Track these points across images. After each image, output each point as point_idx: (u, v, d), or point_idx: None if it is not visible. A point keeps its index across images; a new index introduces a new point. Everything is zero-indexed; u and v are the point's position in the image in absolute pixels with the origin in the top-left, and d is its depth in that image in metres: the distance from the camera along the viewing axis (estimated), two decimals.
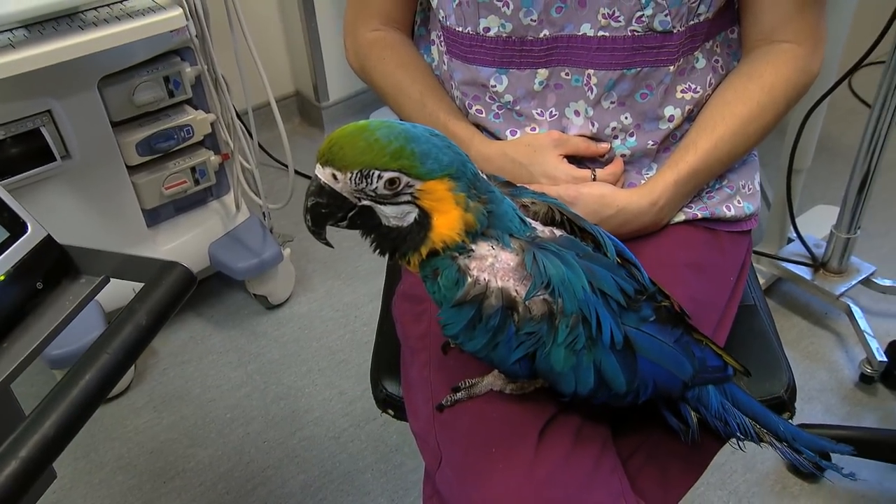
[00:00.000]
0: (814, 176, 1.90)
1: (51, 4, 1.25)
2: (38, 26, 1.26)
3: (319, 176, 0.64)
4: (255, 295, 1.80)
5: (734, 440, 0.86)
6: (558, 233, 0.73)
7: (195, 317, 1.80)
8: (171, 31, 1.35)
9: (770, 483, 1.51)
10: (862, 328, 1.68)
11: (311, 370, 1.72)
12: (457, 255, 0.67)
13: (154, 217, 1.59)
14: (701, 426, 0.83)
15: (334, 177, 0.63)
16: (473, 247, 0.67)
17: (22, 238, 0.73)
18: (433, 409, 0.84)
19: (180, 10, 1.31)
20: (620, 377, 0.73)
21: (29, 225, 0.74)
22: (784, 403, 0.96)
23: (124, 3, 1.34)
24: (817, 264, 1.78)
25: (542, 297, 0.68)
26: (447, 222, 0.66)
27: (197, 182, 1.62)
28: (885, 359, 1.60)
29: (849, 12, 1.57)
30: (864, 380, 1.64)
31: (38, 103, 1.36)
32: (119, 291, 0.86)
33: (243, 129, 1.66)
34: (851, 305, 1.72)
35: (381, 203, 0.65)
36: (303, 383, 1.69)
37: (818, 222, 1.88)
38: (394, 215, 0.66)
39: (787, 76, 0.98)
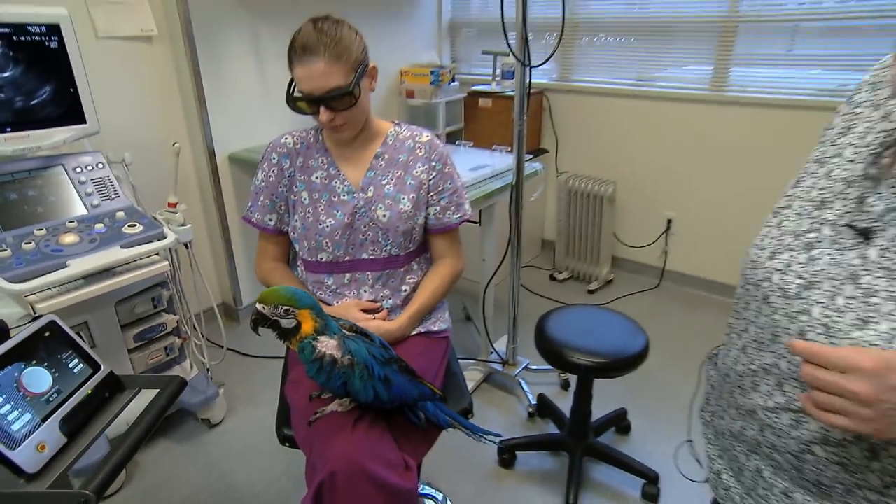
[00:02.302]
0: (498, 320, 2.46)
1: (97, 268, 1.53)
2: (91, 277, 1.53)
3: (258, 307, 1.03)
4: (201, 419, 2.07)
5: (447, 429, 1.24)
6: (354, 333, 1.11)
7: (164, 437, 2.03)
8: (157, 276, 1.68)
9: (487, 470, 1.91)
10: (525, 390, 2.23)
11: (241, 459, 1.94)
12: (310, 340, 1.03)
13: None
14: (427, 421, 1.20)
15: (263, 307, 1.02)
16: (318, 337, 1.04)
17: (98, 372, 1.05)
18: (307, 426, 1.13)
19: (167, 262, 1.67)
20: (384, 394, 1.09)
21: (102, 365, 1.06)
22: (467, 412, 1.36)
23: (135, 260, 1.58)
24: (504, 362, 2.35)
25: (347, 357, 1.04)
26: (307, 327, 1.03)
27: (168, 355, 1.91)
28: (535, 403, 2.15)
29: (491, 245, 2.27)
30: (529, 416, 2.15)
31: (80, 317, 1.62)
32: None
33: (195, 324, 2.10)
34: (520, 380, 2.29)
35: (280, 318, 1.03)
36: (236, 468, 1.91)
37: (503, 342, 2.41)
38: (285, 324, 1.02)
39: (449, 272, 1.46)
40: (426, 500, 1.80)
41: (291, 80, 1.27)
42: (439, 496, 1.80)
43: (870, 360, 0.57)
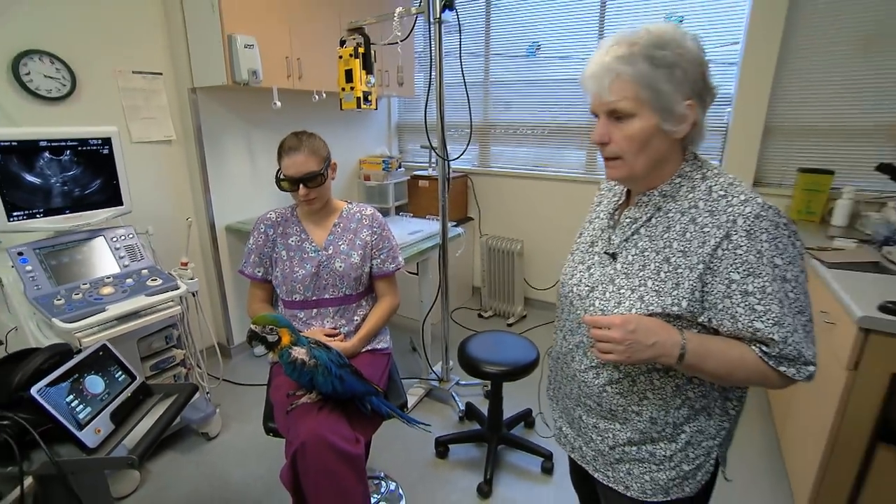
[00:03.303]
0: (436, 348, 2.51)
1: (128, 311, 1.69)
2: (123, 318, 1.65)
3: (252, 327, 1.20)
4: (201, 433, 2.12)
5: (388, 419, 1.38)
6: (317, 345, 1.25)
7: (170, 449, 2.08)
8: (170, 318, 1.81)
9: (427, 461, 2.01)
10: (456, 400, 2.35)
11: (233, 463, 2.00)
12: (288, 349, 1.21)
13: None
14: (372, 411, 1.34)
15: (255, 327, 1.19)
16: (293, 347, 1.21)
17: (135, 381, 1.21)
18: (285, 415, 1.28)
19: (179, 307, 1.81)
20: (339, 387, 1.23)
21: (137, 375, 1.23)
22: (403, 407, 1.49)
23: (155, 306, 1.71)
24: (440, 380, 2.46)
25: (313, 360, 1.21)
26: (285, 340, 1.21)
27: (175, 381, 1.96)
28: (464, 409, 2.25)
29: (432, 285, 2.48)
30: (460, 419, 2.26)
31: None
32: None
33: (198, 357, 2.18)
34: (453, 393, 2.40)
35: (267, 334, 1.19)
36: (230, 470, 1.96)
37: (440, 365, 2.51)
38: (270, 338, 1.19)
39: (388, 306, 1.59)
40: (381, 483, 1.91)
41: (278, 170, 1.52)
42: (393, 485, 1.90)
43: (619, 319, 0.79)
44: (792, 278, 0.76)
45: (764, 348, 0.78)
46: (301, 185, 1.47)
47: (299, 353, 1.24)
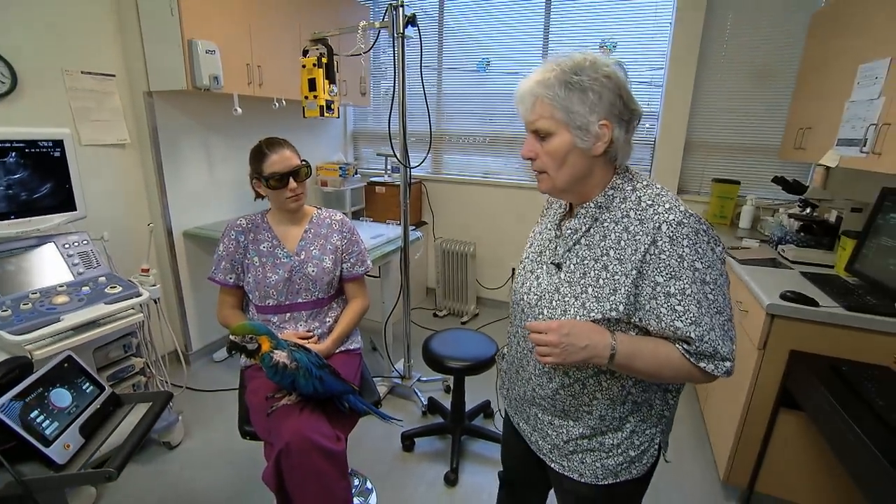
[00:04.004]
0: (397, 348, 2.55)
1: (87, 319, 1.53)
2: (79, 328, 1.50)
3: (231, 338, 1.15)
4: (162, 442, 2.00)
5: (364, 415, 1.35)
6: (297, 348, 1.22)
7: (130, 461, 1.92)
8: (132, 325, 1.66)
9: (394, 455, 1.99)
10: (419, 395, 2.35)
11: (197, 472, 1.90)
12: (269, 353, 1.17)
13: None
14: (350, 409, 1.31)
15: (235, 337, 1.15)
16: (274, 351, 1.17)
17: (103, 392, 1.15)
18: (265, 418, 1.24)
19: (140, 315, 1.67)
20: (320, 388, 1.20)
21: (106, 386, 1.17)
22: (378, 403, 1.46)
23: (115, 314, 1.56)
24: (402, 377, 2.44)
25: (293, 363, 1.17)
26: (265, 346, 1.17)
27: (135, 391, 1.81)
28: (426, 403, 2.23)
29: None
30: (423, 414, 2.24)
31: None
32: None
33: (159, 364, 2.06)
34: (415, 389, 2.39)
35: (247, 343, 1.15)
36: (195, 478, 1.87)
37: (401, 363, 2.48)
38: (250, 347, 1.15)
39: (359, 307, 1.56)
40: (352, 479, 1.86)
41: (258, 175, 1.45)
42: (363, 479, 1.87)
43: (556, 324, 0.81)
44: (711, 281, 0.79)
45: (686, 346, 0.81)
46: (291, 179, 1.43)
47: (280, 356, 1.20)
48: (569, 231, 0.90)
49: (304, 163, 1.48)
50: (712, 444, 2.06)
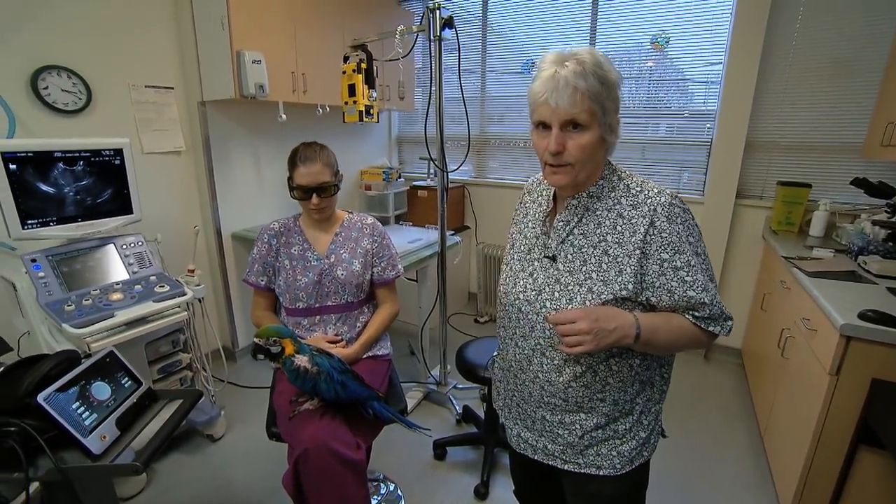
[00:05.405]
0: (434, 353, 2.50)
1: (136, 316, 1.64)
2: (131, 324, 1.64)
3: (255, 340, 1.17)
4: (206, 434, 2.08)
5: (389, 423, 1.33)
6: (319, 353, 1.22)
7: (176, 450, 2.03)
8: (177, 323, 1.78)
9: (426, 462, 1.97)
10: (454, 403, 2.30)
11: (237, 464, 1.96)
12: (291, 358, 1.18)
13: None
14: (374, 416, 1.29)
15: (259, 340, 1.17)
16: (296, 355, 1.19)
17: (141, 387, 1.18)
18: (288, 421, 1.25)
19: (185, 313, 1.79)
20: (342, 393, 1.20)
21: (143, 381, 1.19)
22: (404, 411, 1.45)
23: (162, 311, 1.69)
24: (438, 383, 2.41)
25: (315, 368, 1.18)
26: (288, 350, 1.18)
27: (182, 385, 1.92)
28: (461, 412, 2.21)
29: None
30: (457, 422, 2.20)
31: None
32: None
33: (204, 361, 2.14)
34: (450, 396, 2.35)
35: (271, 346, 1.17)
36: (234, 471, 1.93)
37: (438, 369, 2.45)
38: (274, 349, 1.17)
39: (389, 313, 1.56)
40: (381, 484, 1.86)
41: (289, 178, 1.49)
42: (392, 486, 1.87)
43: (583, 312, 0.83)
44: (702, 252, 0.87)
45: (695, 314, 0.87)
46: (314, 195, 1.45)
47: (302, 361, 1.21)
48: (560, 224, 0.93)
49: (334, 177, 1.48)
50: (773, 472, 1.89)
